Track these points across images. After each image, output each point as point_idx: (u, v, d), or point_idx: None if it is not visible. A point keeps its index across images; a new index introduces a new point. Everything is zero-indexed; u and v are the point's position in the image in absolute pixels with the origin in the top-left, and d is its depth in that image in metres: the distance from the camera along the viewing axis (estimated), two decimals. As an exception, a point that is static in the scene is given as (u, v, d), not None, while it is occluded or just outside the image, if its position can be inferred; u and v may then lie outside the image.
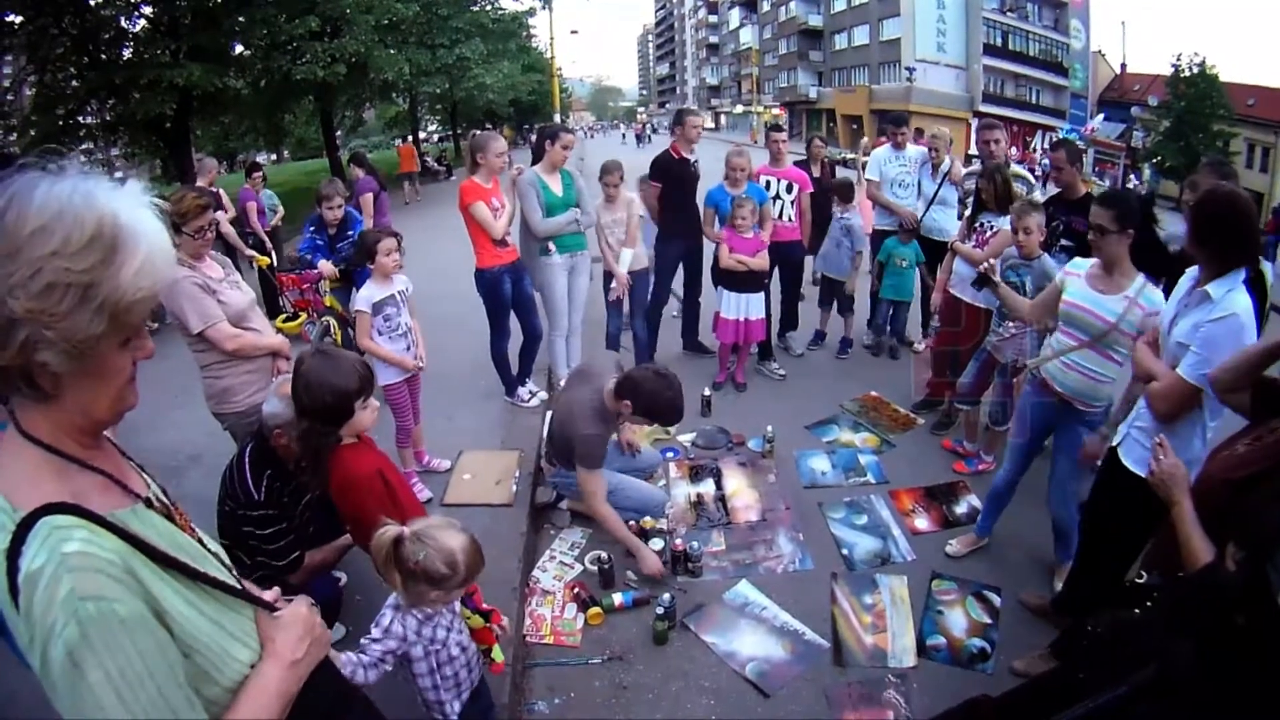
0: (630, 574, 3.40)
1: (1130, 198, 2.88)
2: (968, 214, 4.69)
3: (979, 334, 4.26)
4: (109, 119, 13.37)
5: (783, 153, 5.69)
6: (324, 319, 5.62)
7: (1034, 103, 38.58)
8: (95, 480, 1.00)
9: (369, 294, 3.64)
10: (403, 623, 1.95)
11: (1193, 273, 2.38)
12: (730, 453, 4.54)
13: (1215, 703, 1.40)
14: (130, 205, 0.94)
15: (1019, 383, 3.70)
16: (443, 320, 5.88)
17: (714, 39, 77.64)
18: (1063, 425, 3.08)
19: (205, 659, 0.99)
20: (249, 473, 2.55)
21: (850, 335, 6.19)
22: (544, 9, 24.34)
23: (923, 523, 3.84)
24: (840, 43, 46.76)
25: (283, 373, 3.09)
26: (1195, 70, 28.03)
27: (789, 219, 5.56)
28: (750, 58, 61.95)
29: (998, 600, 3.24)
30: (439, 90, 21.83)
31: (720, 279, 5.19)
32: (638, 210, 5.14)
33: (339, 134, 24.23)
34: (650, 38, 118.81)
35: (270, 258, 7.16)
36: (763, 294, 5.23)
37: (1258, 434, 1.94)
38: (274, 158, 43.33)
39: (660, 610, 2.96)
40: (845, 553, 3.60)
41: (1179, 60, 28.48)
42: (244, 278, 3.36)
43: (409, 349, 3.78)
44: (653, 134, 50.84)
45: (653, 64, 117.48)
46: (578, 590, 3.26)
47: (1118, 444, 2.59)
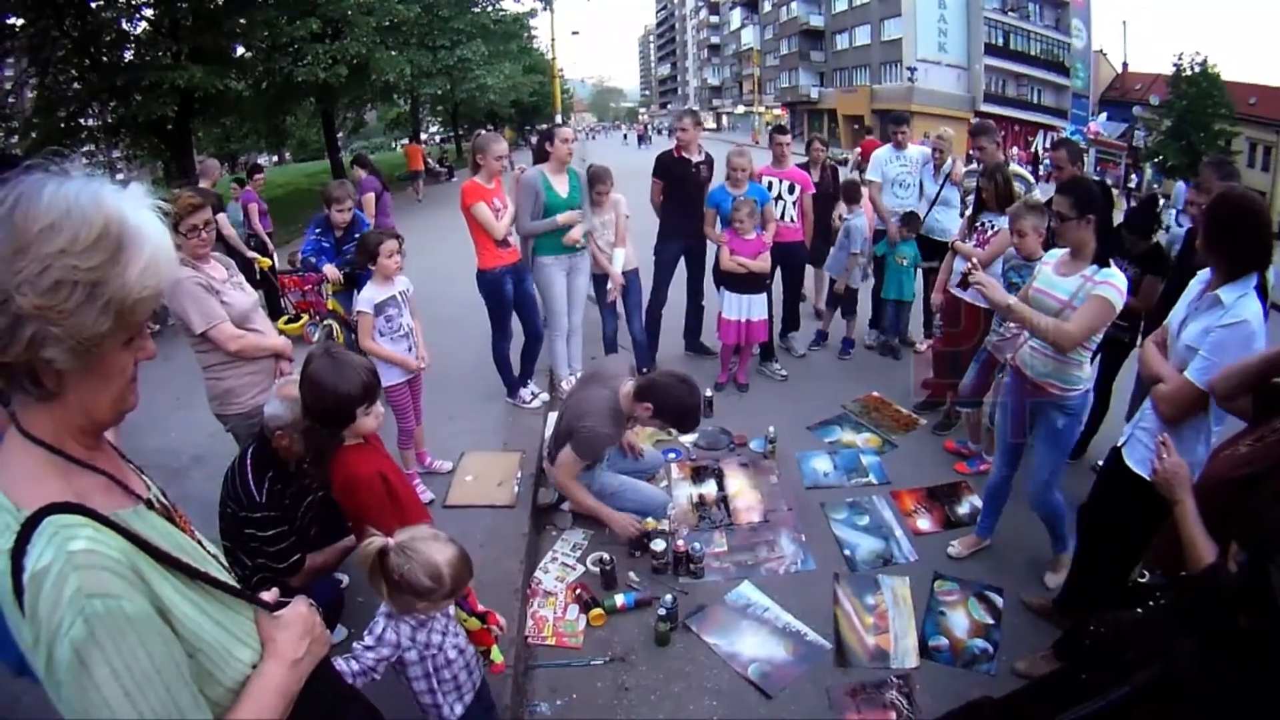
0: (632, 575, 3.40)
1: (1089, 185, 2.93)
2: (968, 213, 4.69)
3: (978, 334, 4.25)
4: (110, 121, 13.41)
5: (786, 155, 5.69)
6: (326, 321, 5.63)
7: (1036, 102, 38.51)
8: (97, 481, 1.00)
9: (370, 295, 3.65)
10: (396, 629, 1.95)
11: (1203, 275, 2.38)
12: (732, 453, 4.54)
13: (1217, 704, 1.40)
14: (135, 206, 0.95)
15: (1001, 378, 3.69)
16: (444, 321, 5.88)
17: (715, 39, 77.58)
18: (1040, 415, 3.09)
19: (208, 659, 0.99)
20: (251, 475, 2.55)
21: (852, 336, 6.19)
22: (545, 10, 24.37)
23: (925, 523, 3.84)
24: (842, 43, 46.70)
25: (285, 374, 3.09)
26: (1197, 69, 27.92)
27: (791, 219, 5.56)
28: (752, 58, 61.84)
29: (1000, 601, 3.24)
30: (440, 91, 21.81)
31: (722, 280, 5.19)
32: (624, 210, 5.14)
33: (340, 135, 24.26)
34: (651, 38, 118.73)
35: (272, 259, 7.18)
36: (765, 295, 5.23)
37: (1260, 434, 1.94)
38: (275, 159, 43.42)
39: (662, 611, 2.96)
40: (847, 553, 3.59)
41: (1180, 59, 28.39)
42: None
43: (410, 350, 3.78)
44: (655, 134, 50.97)
45: (654, 65, 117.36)
46: (580, 591, 3.26)
47: (1121, 444, 2.60)
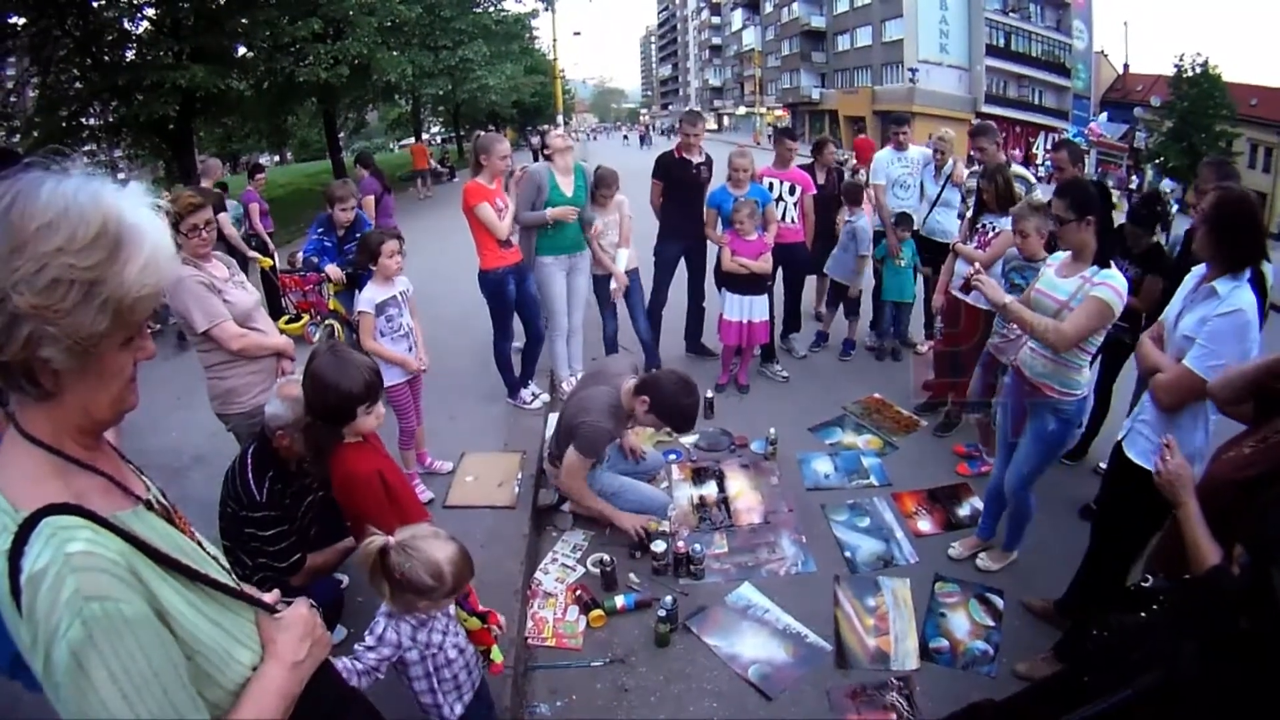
0: (632, 576, 3.39)
1: (1086, 186, 2.94)
2: (969, 215, 4.69)
3: (976, 334, 4.25)
4: (112, 120, 13.41)
5: (792, 160, 5.68)
6: (327, 321, 5.62)
7: (1037, 104, 38.49)
8: (96, 482, 0.99)
9: (371, 295, 3.64)
10: (397, 629, 1.95)
11: (1198, 271, 2.47)
12: (733, 455, 4.53)
13: (1219, 706, 1.39)
14: (134, 204, 0.94)
15: (1004, 379, 3.69)
16: (445, 321, 5.88)
17: (717, 40, 77.50)
18: (1034, 414, 3.09)
19: (207, 661, 0.99)
20: (251, 474, 2.55)
21: (853, 337, 6.19)
22: (546, 11, 24.40)
23: (925, 525, 3.84)
24: (843, 44, 46.66)
25: (287, 374, 3.09)
26: (1198, 70, 27.90)
27: (792, 220, 5.56)
28: (753, 59, 61.80)
29: (1000, 603, 3.23)
30: (442, 92, 21.82)
31: (723, 281, 5.19)
32: (628, 212, 5.13)
33: (342, 136, 24.26)
34: (653, 39, 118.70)
35: (273, 259, 7.17)
36: (766, 296, 5.22)
37: (1263, 435, 1.93)
38: (277, 159, 43.44)
39: (662, 613, 2.96)
40: (848, 555, 3.59)
41: (1181, 60, 28.42)
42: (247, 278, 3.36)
43: (410, 349, 3.78)
44: (657, 135, 50.94)
45: (655, 65, 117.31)
46: (580, 592, 3.26)
47: (1122, 438, 2.64)
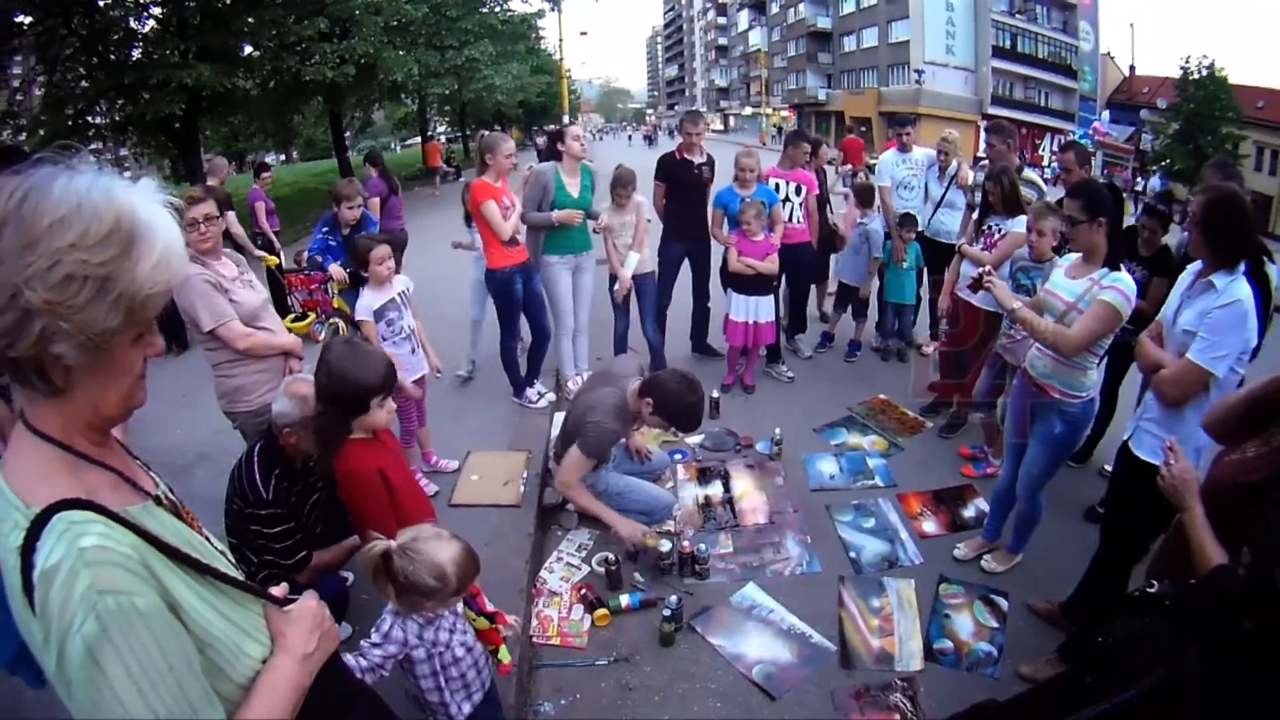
0: (637, 575, 3.40)
1: (1099, 188, 2.94)
2: (974, 217, 4.68)
3: (978, 334, 4.26)
4: (118, 119, 13.39)
5: (801, 161, 5.65)
6: (332, 320, 5.64)
7: (1043, 105, 38.42)
8: (107, 477, 1.00)
9: (369, 302, 3.61)
10: (403, 627, 1.95)
11: (1193, 268, 2.52)
12: (738, 455, 4.53)
13: (1223, 707, 1.39)
14: (146, 201, 0.94)
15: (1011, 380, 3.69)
16: (450, 320, 5.87)
17: (723, 41, 77.45)
18: (1040, 416, 3.09)
19: (219, 654, 0.99)
20: (257, 471, 2.55)
21: (859, 338, 6.18)
22: (553, 10, 24.41)
23: (930, 526, 3.83)
24: (849, 45, 46.64)
25: (295, 372, 3.10)
26: (1204, 72, 27.80)
27: (798, 221, 5.57)
28: (759, 60, 61.82)
29: (1005, 604, 3.23)
30: (448, 91, 21.80)
31: (729, 282, 5.19)
32: (646, 214, 5.12)
33: (348, 135, 24.30)
34: (659, 39, 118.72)
35: (278, 258, 7.18)
36: (772, 297, 5.22)
37: (1264, 438, 1.94)
38: (283, 158, 43.55)
39: (667, 612, 2.96)
40: (853, 556, 3.59)
41: (1188, 62, 28.31)
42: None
43: (414, 351, 3.79)
44: (664, 135, 50.88)
45: (661, 66, 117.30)
46: (584, 591, 3.26)
47: (1128, 437, 2.66)
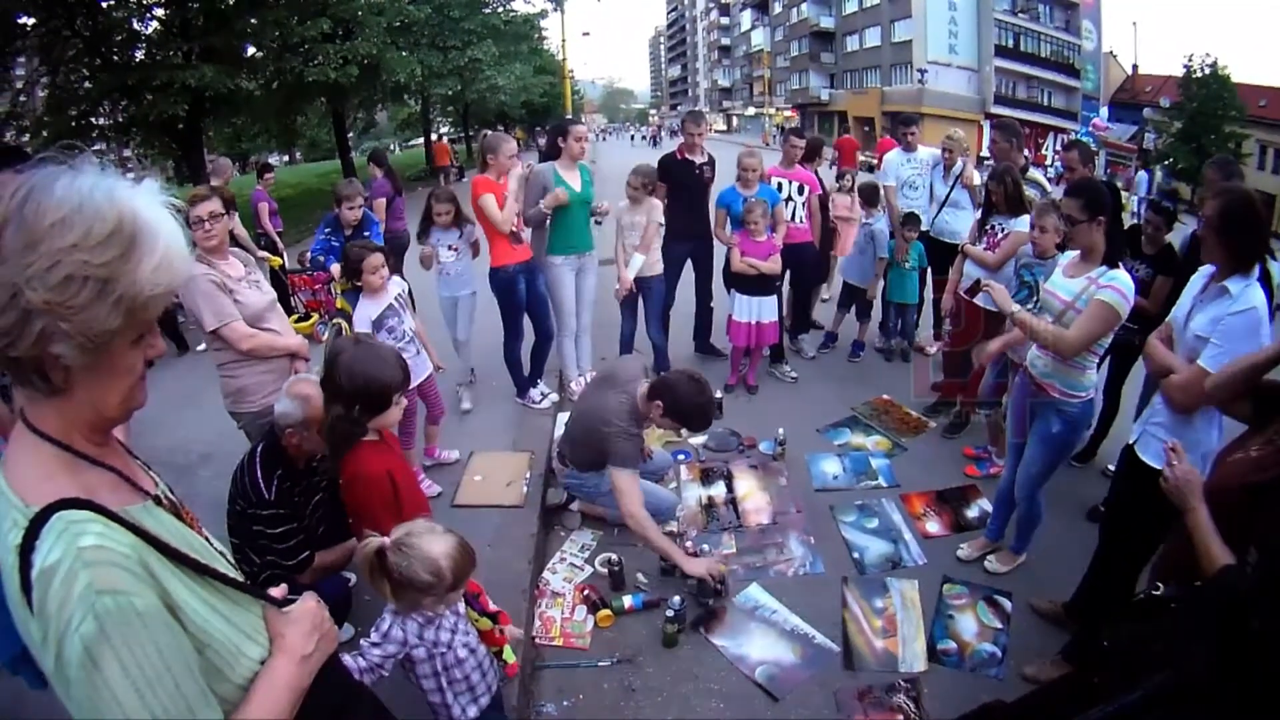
0: (640, 576, 3.39)
1: (1099, 186, 2.93)
2: (978, 216, 4.67)
3: (979, 333, 4.26)
4: (121, 120, 13.42)
5: (797, 157, 5.68)
6: (335, 320, 5.62)
7: (1046, 104, 38.32)
8: (106, 477, 1.00)
9: (366, 313, 3.57)
10: (403, 626, 1.95)
11: (1205, 270, 2.47)
12: (741, 455, 4.53)
13: (1230, 707, 1.38)
14: (149, 202, 0.94)
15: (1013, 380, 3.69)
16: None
17: (726, 41, 77.45)
18: (1039, 415, 3.08)
19: (218, 655, 0.99)
20: (260, 472, 2.55)
21: (863, 339, 6.17)
22: (556, 11, 24.38)
23: (934, 526, 3.82)
24: (852, 45, 46.60)
25: (299, 373, 3.09)
26: (1207, 71, 27.66)
27: (800, 220, 5.56)
28: (762, 60, 61.81)
29: (1009, 605, 3.22)
30: (451, 92, 21.81)
31: (732, 282, 5.18)
32: (658, 217, 5.06)
33: (351, 136, 24.33)
34: (662, 40, 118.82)
35: (281, 258, 7.19)
36: (775, 297, 5.21)
37: (1269, 436, 1.92)
38: (286, 159, 43.61)
39: (670, 613, 2.96)
40: (856, 556, 3.58)
41: (1191, 61, 28.16)
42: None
43: (418, 353, 3.78)
44: (668, 136, 50.87)
45: (664, 66, 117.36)
46: (588, 592, 3.26)
47: (1134, 441, 2.63)
